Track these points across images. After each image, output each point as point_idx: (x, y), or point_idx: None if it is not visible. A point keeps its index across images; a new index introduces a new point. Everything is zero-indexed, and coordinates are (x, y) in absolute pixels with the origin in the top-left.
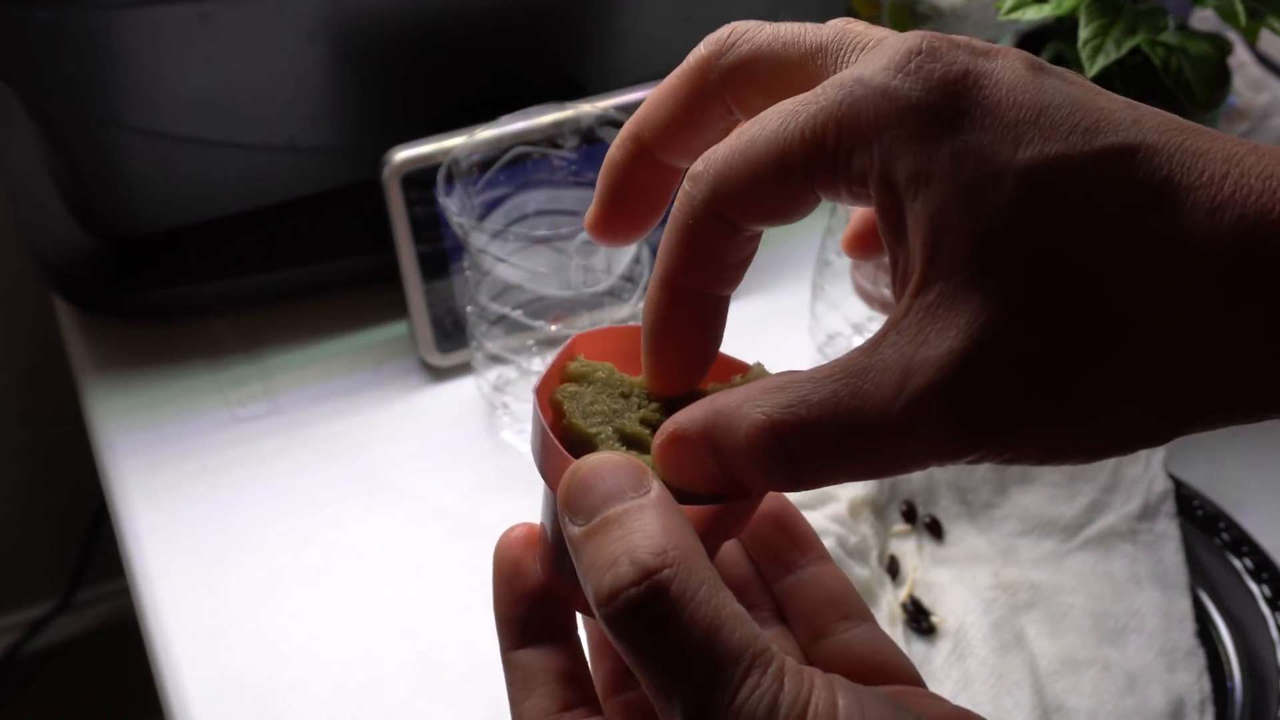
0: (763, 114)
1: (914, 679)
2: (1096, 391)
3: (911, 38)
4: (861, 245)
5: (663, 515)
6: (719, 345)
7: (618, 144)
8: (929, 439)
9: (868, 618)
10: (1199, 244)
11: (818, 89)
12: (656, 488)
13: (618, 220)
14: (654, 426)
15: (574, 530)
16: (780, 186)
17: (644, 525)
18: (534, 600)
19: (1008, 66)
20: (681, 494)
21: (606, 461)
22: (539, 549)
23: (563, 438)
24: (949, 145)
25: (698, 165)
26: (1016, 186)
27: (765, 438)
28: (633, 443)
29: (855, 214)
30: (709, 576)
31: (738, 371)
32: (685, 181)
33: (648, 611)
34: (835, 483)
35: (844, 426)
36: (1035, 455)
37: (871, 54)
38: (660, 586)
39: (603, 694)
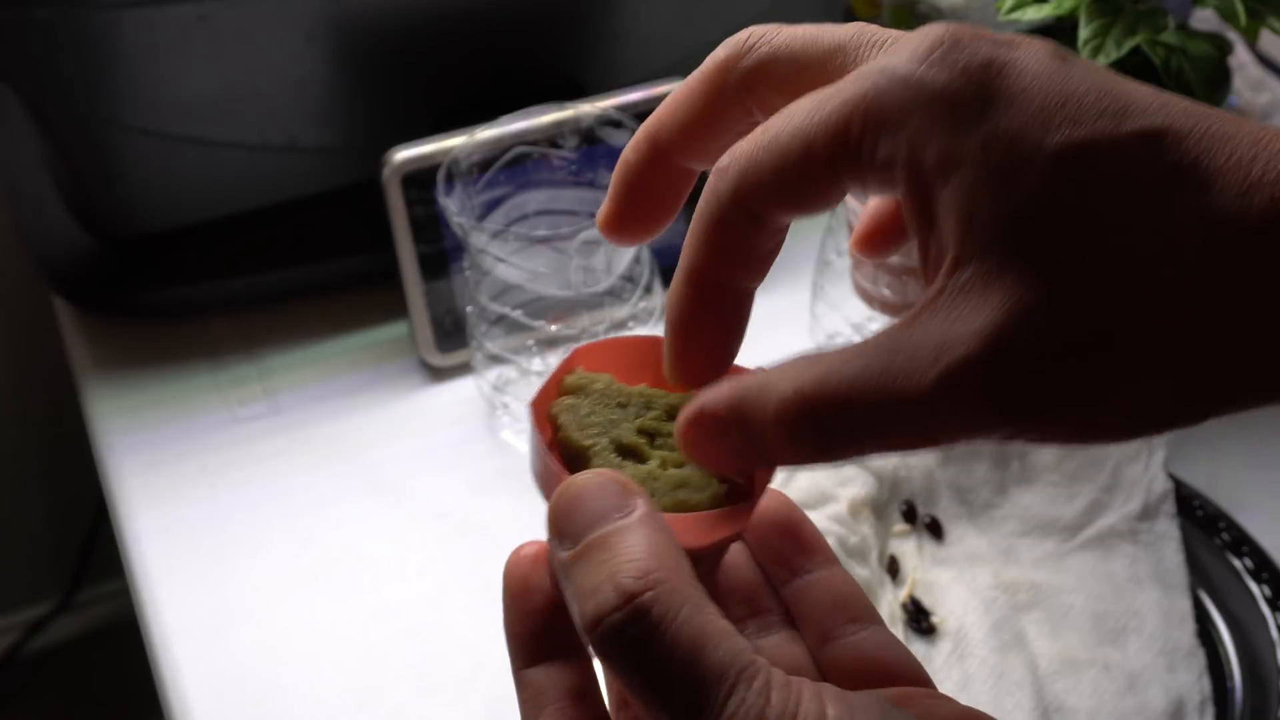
0: (787, 108)
1: (923, 680)
2: (1127, 366)
3: (935, 29)
4: (870, 243)
5: (647, 536)
6: (742, 339)
7: (633, 145)
8: (961, 413)
9: (876, 620)
10: (1230, 224)
11: (841, 82)
12: (641, 506)
13: (630, 220)
14: (652, 435)
15: (562, 555)
16: (806, 178)
17: (628, 548)
18: (544, 618)
19: (1032, 55)
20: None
21: (589, 483)
22: (549, 564)
23: (560, 451)
24: (977, 130)
25: (723, 160)
26: (1047, 168)
27: (795, 409)
28: (628, 452)
29: (864, 212)
30: (692, 595)
31: (739, 375)
32: (711, 176)
33: (631, 635)
34: (864, 455)
35: (876, 397)
36: (1066, 432)
37: (893, 48)
38: (641, 610)
39: (615, 708)
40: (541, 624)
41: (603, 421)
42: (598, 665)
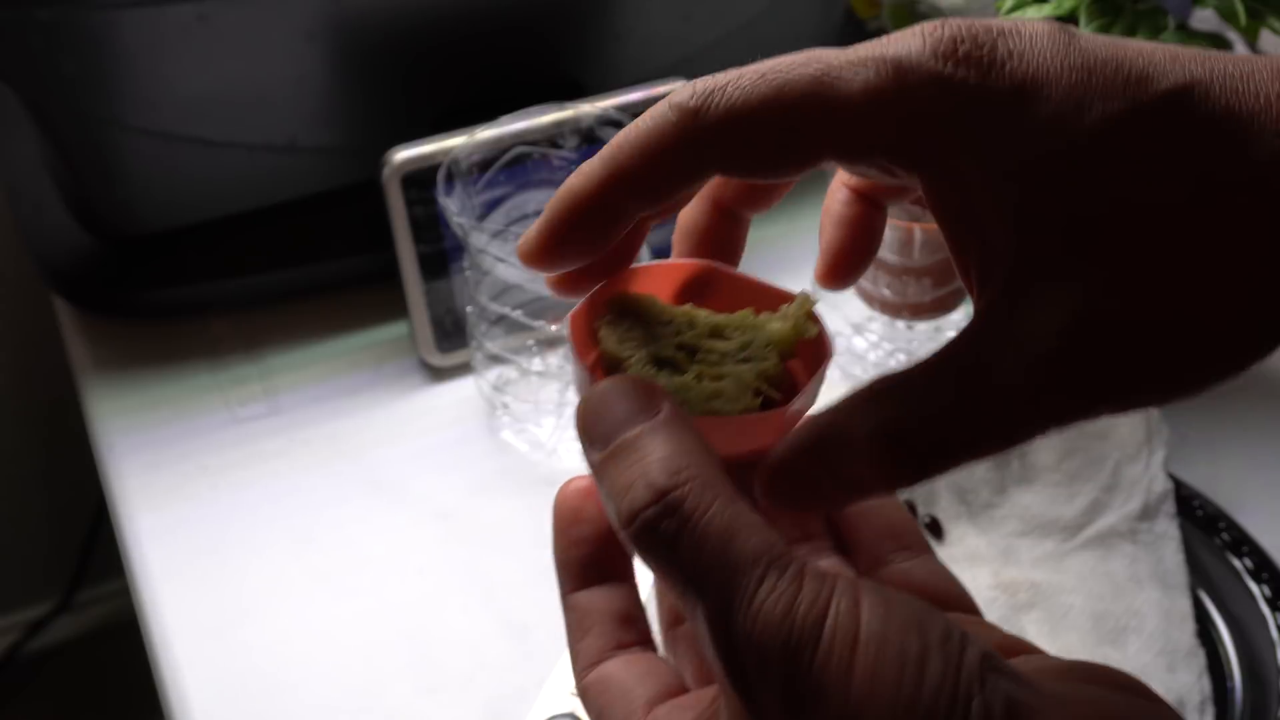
0: (787, 68)
1: (971, 609)
2: (1199, 328)
3: (932, 26)
4: (837, 276)
5: (674, 436)
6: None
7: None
8: (1049, 411)
9: (927, 551)
10: (1274, 166)
11: (847, 66)
12: (667, 408)
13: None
14: (693, 350)
15: (593, 457)
16: (789, 150)
17: (657, 448)
18: (591, 545)
19: (1040, 34)
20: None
21: (616, 387)
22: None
23: (602, 365)
24: (1015, 124)
25: (692, 94)
26: (1091, 150)
27: (886, 449)
28: (665, 364)
29: (824, 246)
30: (723, 490)
31: (783, 300)
32: (680, 112)
33: (665, 528)
34: (960, 468)
35: (966, 417)
36: (1148, 402)
37: (901, 41)
38: (673, 504)
39: (667, 626)
40: (588, 551)
41: (643, 337)
42: (643, 590)
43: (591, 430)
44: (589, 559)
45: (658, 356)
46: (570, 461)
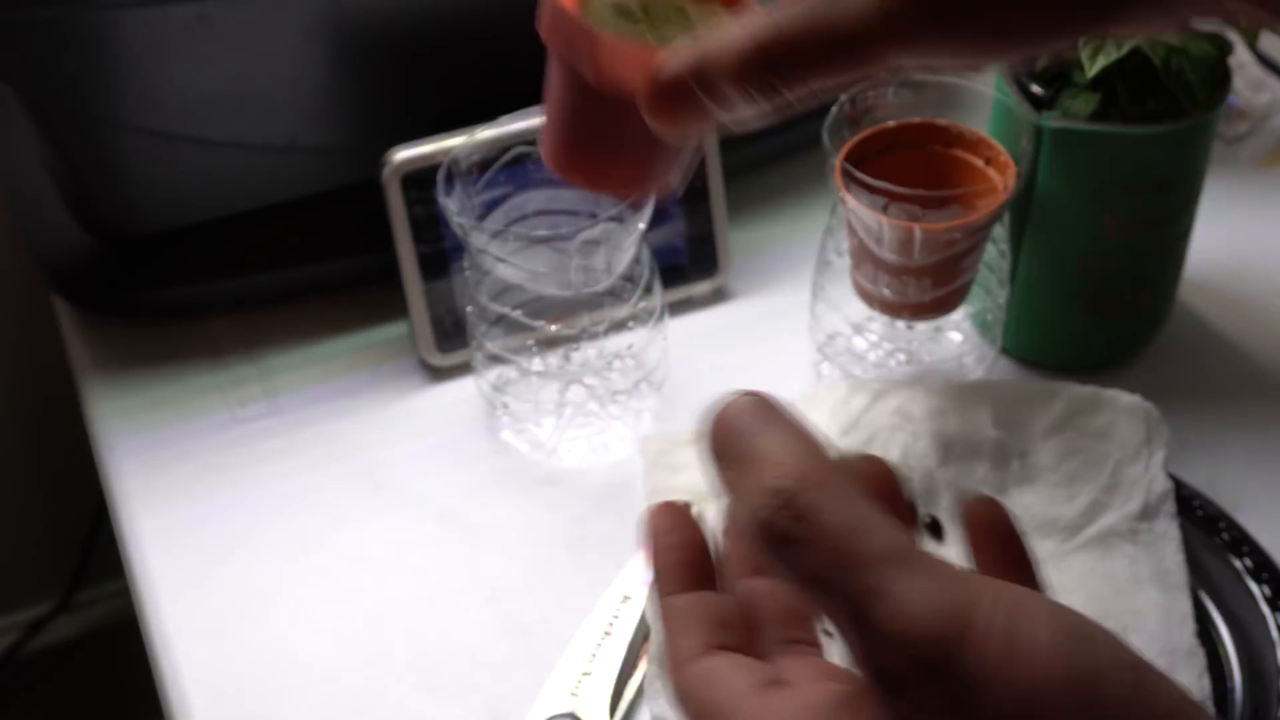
0: None
1: None
2: None
3: None
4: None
5: (794, 442)
6: None
7: None
8: (897, 29)
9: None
10: None
11: None
12: (783, 416)
13: None
14: (648, 12)
15: (728, 475)
16: None
17: (778, 456)
18: (682, 550)
19: None
20: None
21: (737, 404)
22: (549, 137)
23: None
24: None
25: None
26: None
27: (749, 50)
28: (623, 14)
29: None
30: (847, 491)
31: None
32: None
33: (793, 534)
34: (813, 87)
35: (822, 32)
36: (984, 35)
37: None
38: (798, 510)
39: (738, 574)
40: (681, 558)
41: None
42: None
43: (721, 449)
44: (684, 565)
45: (620, 6)
46: (570, 461)
